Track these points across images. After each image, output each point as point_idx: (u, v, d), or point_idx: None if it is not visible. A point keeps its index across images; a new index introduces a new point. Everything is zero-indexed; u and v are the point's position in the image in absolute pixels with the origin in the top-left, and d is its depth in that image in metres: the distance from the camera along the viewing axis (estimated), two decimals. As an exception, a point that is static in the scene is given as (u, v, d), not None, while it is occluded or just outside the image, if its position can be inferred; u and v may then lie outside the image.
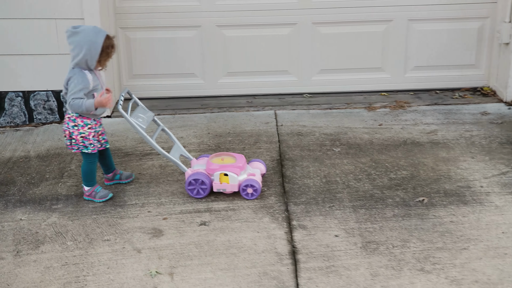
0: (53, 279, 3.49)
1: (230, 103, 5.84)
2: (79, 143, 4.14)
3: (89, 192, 4.28)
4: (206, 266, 3.56)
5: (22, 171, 4.75)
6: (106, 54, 4.01)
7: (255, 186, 4.17)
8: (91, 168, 4.25)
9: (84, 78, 3.99)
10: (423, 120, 5.40)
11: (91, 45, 3.93)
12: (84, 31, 3.95)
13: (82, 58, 3.96)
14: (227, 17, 5.76)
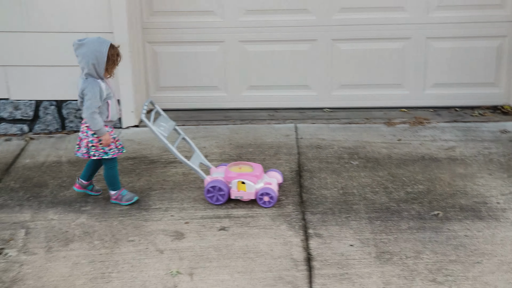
0: (81, 274, 3.71)
1: (252, 115, 6.03)
2: (99, 149, 4.32)
3: (115, 196, 4.48)
4: (224, 269, 3.73)
5: (54, 175, 4.98)
6: (112, 62, 4.19)
7: (271, 194, 4.35)
8: (113, 173, 4.43)
9: (98, 88, 4.17)
10: (442, 136, 5.52)
11: (97, 54, 4.12)
12: (89, 43, 4.14)
13: (92, 68, 4.15)
14: (250, 33, 5.95)
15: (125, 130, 5.77)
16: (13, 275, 3.73)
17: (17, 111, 5.75)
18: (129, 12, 5.56)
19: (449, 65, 6.04)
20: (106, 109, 4.27)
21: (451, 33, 5.95)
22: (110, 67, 4.20)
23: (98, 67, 4.15)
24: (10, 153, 5.41)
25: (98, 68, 4.15)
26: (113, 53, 4.17)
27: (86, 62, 4.15)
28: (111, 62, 4.18)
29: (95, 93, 4.16)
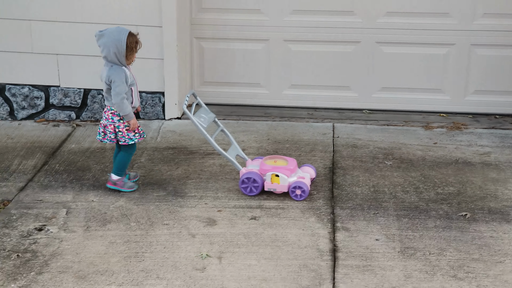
0: (116, 253, 3.91)
1: (291, 113, 6.17)
2: (125, 135, 4.51)
3: (118, 181, 4.64)
4: (252, 255, 3.89)
5: (97, 160, 5.20)
6: (131, 50, 4.38)
7: (304, 188, 4.48)
8: (127, 160, 4.62)
9: (123, 74, 4.37)
10: (478, 142, 5.56)
11: (117, 43, 4.31)
12: (109, 32, 4.34)
13: (113, 56, 4.35)
14: (294, 32, 6.09)
15: (167, 121, 5.97)
16: (53, 249, 3.96)
17: (66, 98, 6.01)
18: (179, 8, 5.75)
19: (491, 72, 6.06)
20: (131, 95, 4.48)
21: (495, 40, 5.97)
22: (130, 54, 4.40)
23: (119, 55, 4.35)
24: (57, 138, 5.66)
25: (119, 56, 4.35)
26: (131, 41, 4.36)
27: (108, 51, 4.35)
28: (130, 49, 4.37)
29: (122, 78, 4.37)
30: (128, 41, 4.34)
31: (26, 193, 4.67)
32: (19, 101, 6.03)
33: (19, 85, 6.01)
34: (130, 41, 4.36)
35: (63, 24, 5.80)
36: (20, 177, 4.92)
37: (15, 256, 3.88)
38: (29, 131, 5.81)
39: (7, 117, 6.09)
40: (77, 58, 5.85)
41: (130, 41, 4.35)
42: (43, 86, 6.01)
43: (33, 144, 5.52)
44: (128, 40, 4.34)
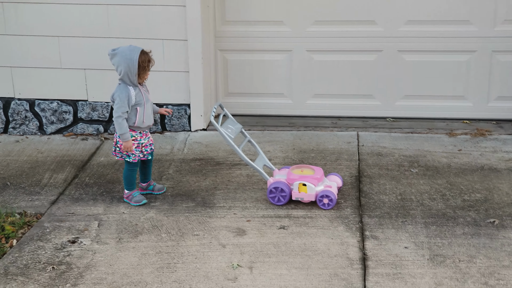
0: (148, 264, 3.98)
1: (315, 123, 6.22)
2: (122, 151, 4.60)
3: (127, 195, 4.74)
4: (282, 264, 3.94)
5: (126, 172, 5.29)
6: (143, 69, 4.42)
7: (331, 197, 4.53)
8: (131, 175, 4.69)
9: (126, 94, 4.42)
10: (503, 148, 5.58)
11: (129, 62, 4.37)
12: (121, 51, 4.40)
13: (124, 74, 4.42)
14: (317, 42, 6.15)
15: (193, 133, 6.05)
16: (87, 261, 4.04)
17: (94, 112, 6.11)
18: (203, 21, 5.84)
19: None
20: (134, 115, 4.52)
21: (519, 46, 6.01)
22: (142, 73, 4.45)
23: (131, 74, 4.40)
24: (86, 151, 5.76)
25: (130, 75, 4.41)
26: (143, 60, 4.40)
27: (120, 70, 4.42)
28: (142, 68, 4.41)
29: (122, 98, 4.42)
30: (140, 60, 4.38)
31: (58, 206, 4.77)
32: (48, 116, 6.15)
33: (48, 100, 6.12)
34: (142, 60, 4.40)
35: (91, 39, 5.91)
36: (52, 190, 5.02)
37: (51, 268, 3.97)
38: (58, 145, 5.91)
39: (36, 132, 6.20)
40: (104, 72, 5.95)
41: (142, 59, 4.39)
42: (71, 100, 6.12)
43: (63, 158, 5.62)
44: (140, 59, 4.38)
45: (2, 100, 6.15)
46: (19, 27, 5.94)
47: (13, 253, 4.16)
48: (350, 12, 6.05)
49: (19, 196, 4.95)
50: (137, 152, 4.62)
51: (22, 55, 6.02)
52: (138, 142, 4.60)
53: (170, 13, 5.78)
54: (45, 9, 5.87)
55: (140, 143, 4.62)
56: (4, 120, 6.19)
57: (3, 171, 5.37)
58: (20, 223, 4.53)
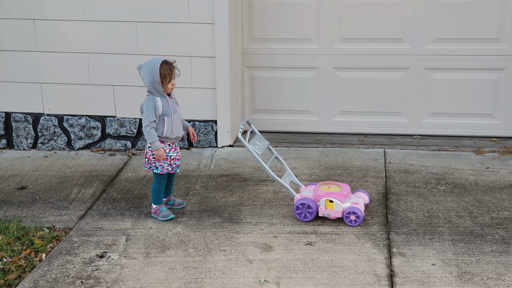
0: (176, 279, 4.00)
1: (342, 140, 6.22)
2: (151, 163, 4.66)
3: (154, 210, 4.77)
4: (309, 280, 3.94)
5: (153, 188, 5.33)
6: (165, 77, 4.51)
7: (358, 213, 4.52)
8: (159, 188, 4.73)
9: (152, 104, 4.52)
10: (531, 166, 5.55)
11: (151, 72, 4.48)
12: (146, 64, 4.53)
13: (150, 85, 4.53)
14: (344, 60, 6.17)
15: (220, 149, 6.08)
16: (115, 276, 4.07)
17: (122, 128, 6.18)
18: (231, 39, 5.89)
19: (544, 96, 6.06)
20: (162, 125, 4.59)
21: (548, 64, 5.98)
22: (165, 82, 4.53)
23: (155, 83, 4.51)
24: (114, 166, 5.82)
25: (155, 84, 4.52)
26: (165, 69, 4.50)
27: (147, 82, 4.53)
28: (164, 77, 4.51)
29: (149, 108, 4.52)
30: (161, 69, 4.49)
31: (86, 221, 4.81)
32: (76, 132, 6.22)
33: (76, 116, 6.20)
34: (164, 69, 4.50)
35: (120, 56, 5.99)
36: (80, 205, 5.07)
37: (79, 283, 4.00)
38: (86, 161, 5.98)
39: (64, 147, 6.27)
40: (133, 88, 6.02)
41: (163, 69, 4.50)
42: (100, 116, 6.19)
43: (91, 173, 5.68)
44: (161, 68, 4.49)
45: (31, 115, 6.25)
46: (49, 44, 6.04)
47: (42, 267, 4.20)
48: (377, 30, 6.07)
49: (48, 211, 5.00)
50: (165, 165, 4.66)
51: (52, 71, 6.12)
52: (167, 154, 4.64)
53: (198, 30, 5.85)
54: (74, 26, 5.96)
55: (169, 155, 4.66)
56: (33, 136, 6.28)
57: (32, 186, 5.44)
58: (49, 237, 4.58)
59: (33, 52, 6.08)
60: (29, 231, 4.65)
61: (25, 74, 6.15)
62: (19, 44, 6.07)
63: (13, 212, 4.98)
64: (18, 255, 4.38)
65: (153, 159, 4.64)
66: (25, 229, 4.69)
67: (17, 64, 6.14)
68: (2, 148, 6.34)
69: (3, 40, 6.09)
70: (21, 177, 5.65)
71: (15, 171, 5.79)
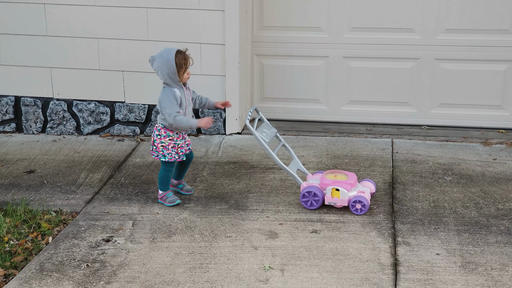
0: (181, 264, 4.03)
1: (350, 129, 6.23)
2: (159, 151, 4.67)
3: (161, 196, 4.80)
4: (314, 267, 3.96)
5: (160, 173, 5.36)
6: (181, 67, 4.50)
7: (364, 202, 4.54)
8: (166, 175, 4.75)
9: (172, 95, 4.51)
10: (539, 158, 5.54)
11: (167, 63, 4.46)
12: (159, 55, 4.51)
13: (167, 77, 4.51)
14: (354, 49, 6.17)
15: (228, 136, 6.10)
16: (121, 260, 4.10)
17: (131, 113, 6.20)
18: (241, 26, 5.90)
19: (552, 88, 6.04)
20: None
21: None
22: (181, 71, 4.53)
23: (171, 74, 4.50)
24: (122, 152, 5.85)
25: (172, 75, 4.51)
26: (180, 58, 4.49)
27: (162, 73, 4.52)
28: (180, 66, 4.50)
29: (171, 100, 4.52)
30: (177, 59, 4.48)
31: (93, 205, 4.85)
32: (86, 117, 6.25)
33: (85, 101, 6.23)
34: (179, 59, 4.49)
35: (129, 41, 6.00)
36: (87, 190, 5.11)
37: (85, 266, 4.04)
38: (95, 146, 6.01)
39: (73, 132, 6.31)
40: (142, 74, 6.04)
41: (178, 58, 4.49)
42: (109, 102, 6.22)
43: (99, 158, 5.72)
44: (177, 58, 4.48)
45: (41, 100, 6.28)
46: (59, 28, 6.07)
47: (49, 250, 4.24)
48: (387, 20, 6.06)
49: (56, 195, 5.04)
50: (173, 153, 4.68)
51: (62, 56, 6.15)
52: (174, 142, 4.67)
53: (208, 17, 5.85)
54: (85, 11, 5.98)
55: (176, 143, 4.68)
56: (43, 120, 6.32)
57: (41, 170, 5.48)
58: (56, 221, 4.62)
59: (43, 37, 6.10)
60: (37, 215, 4.69)
61: (34, 58, 6.18)
62: (29, 29, 6.10)
63: (21, 196, 5.02)
64: (25, 238, 4.42)
65: (161, 147, 4.66)
66: (32, 212, 4.73)
67: (27, 49, 6.17)
68: (11, 132, 6.39)
69: (13, 24, 6.11)
70: (29, 161, 5.69)
71: (24, 155, 5.83)
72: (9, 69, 6.25)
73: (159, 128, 4.66)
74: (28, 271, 4.00)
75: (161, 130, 4.65)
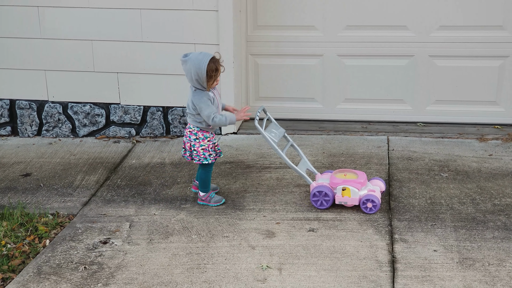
0: (178, 264, 4.03)
1: (345, 127, 6.23)
2: (200, 155, 4.64)
3: (205, 197, 4.79)
4: (311, 266, 3.96)
5: (157, 175, 5.36)
6: (210, 77, 4.45)
7: (375, 201, 4.53)
8: (207, 177, 4.74)
9: (206, 97, 4.49)
10: (535, 153, 5.55)
11: (197, 70, 4.42)
12: (191, 59, 4.45)
13: (196, 82, 4.48)
14: (348, 47, 6.17)
15: (224, 136, 6.10)
16: (118, 262, 4.10)
17: (126, 115, 6.20)
18: (235, 26, 5.89)
19: (546, 83, 6.05)
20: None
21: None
22: (210, 82, 4.49)
23: (200, 81, 4.46)
24: (118, 154, 5.85)
25: (201, 82, 4.47)
26: (211, 68, 4.42)
27: (190, 78, 4.49)
28: (210, 77, 4.45)
29: (206, 102, 4.49)
30: (208, 68, 4.42)
31: (90, 207, 4.84)
32: (81, 119, 6.25)
33: (80, 103, 6.23)
34: (210, 69, 4.42)
35: (124, 43, 6.00)
36: (84, 192, 5.10)
37: (83, 268, 4.04)
38: (91, 148, 6.01)
39: (69, 134, 6.30)
40: (137, 76, 6.05)
41: (209, 68, 4.42)
42: (104, 103, 6.21)
43: (95, 160, 5.71)
44: (208, 67, 4.41)
45: (36, 103, 6.27)
46: (53, 31, 6.06)
47: (46, 252, 4.24)
48: (381, 17, 6.06)
49: (52, 197, 5.04)
50: (213, 152, 4.68)
51: (56, 58, 6.14)
52: (212, 142, 4.67)
53: (202, 18, 5.85)
54: (79, 13, 5.97)
55: (213, 142, 4.68)
56: (38, 123, 6.31)
57: (37, 173, 5.48)
58: (53, 224, 4.61)
59: (38, 39, 6.10)
60: (33, 218, 4.69)
61: (29, 61, 6.18)
62: (23, 31, 6.09)
63: (17, 199, 5.02)
64: (22, 241, 4.42)
65: (202, 150, 4.62)
66: (29, 215, 4.72)
67: (22, 52, 6.16)
68: (6, 135, 6.38)
69: (8, 27, 6.11)
70: (25, 164, 5.68)
71: (20, 158, 5.82)
72: (4, 72, 6.24)
73: (195, 132, 4.61)
74: (26, 275, 4.00)
75: (198, 133, 4.61)
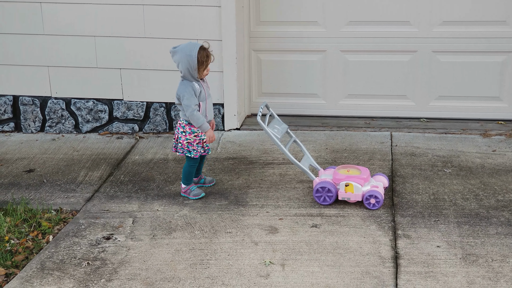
0: (181, 260, 4.03)
1: (348, 123, 6.23)
2: (184, 147, 4.68)
3: (185, 190, 4.82)
4: (314, 262, 3.96)
5: (160, 170, 5.36)
6: (202, 64, 4.50)
7: (378, 197, 4.52)
8: (190, 170, 4.77)
9: (190, 88, 4.52)
10: (538, 149, 5.54)
11: (188, 58, 4.46)
12: (181, 49, 4.50)
13: (186, 71, 4.51)
14: (351, 43, 6.16)
15: (227, 132, 6.10)
16: (121, 257, 4.10)
17: (129, 111, 6.20)
18: (238, 22, 5.89)
19: (550, 78, 6.04)
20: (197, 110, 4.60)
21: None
22: (201, 68, 4.53)
23: (191, 69, 4.50)
24: (121, 150, 5.85)
25: (191, 70, 4.50)
26: (202, 55, 4.48)
27: (182, 67, 4.52)
28: (201, 63, 4.50)
29: (190, 92, 4.52)
30: (199, 56, 4.47)
31: (93, 203, 4.85)
32: (84, 115, 6.25)
33: (84, 99, 6.23)
34: (201, 55, 4.49)
35: (126, 39, 6.00)
36: (87, 188, 5.11)
37: (86, 264, 4.04)
38: (94, 144, 6.01)
39: (72, 130, 6.31)
40: (140, 72, 6.05)
41: (200, 55, 4.48)
42: (107, 99, 6.21)
43: (98, 156, 5.71)
44: (199, 55, 4.47)
45: (39, 99, 6.28)
46: (56, 27, 6.06)
47: (49, 248, 4.24)
48: (384, 13, 6.05)
49: (55, 193, 5.04)
50: (199, 148, 4.69)
51: (59, 54, 6.14)
52: (200, 138, 4.67)
53: (205, 14, 5.85)
54: (82, 9, 5.97)
55: (201, 139, 4.68)
56: (41, 119, 6.32)
57: (40, 169, 5.48)
58: (56, 220, 4.62)
59: (41, 36, 6.10)
60: (37, 213, 4.70)
61: (32, 57, 6.18)
62: (26, 28, 6.09)
63: (20, 195, 5.02)
64: (26, 237, 4.42)
65: (187, 143, 4.66)
66: (32, 211, 4.73)
67: (25, 48, 6.17)
68: (10, 131, 6.38)
69: (11, 23, 6.11)
70: (29, 160, 5.69)
71: (23, 154, 5.83)
72: (7, 69, 6.25)
73: (183, 125, 4.66)
74: (29, 270, 4.00)
75: (185, 126, 4.65)
